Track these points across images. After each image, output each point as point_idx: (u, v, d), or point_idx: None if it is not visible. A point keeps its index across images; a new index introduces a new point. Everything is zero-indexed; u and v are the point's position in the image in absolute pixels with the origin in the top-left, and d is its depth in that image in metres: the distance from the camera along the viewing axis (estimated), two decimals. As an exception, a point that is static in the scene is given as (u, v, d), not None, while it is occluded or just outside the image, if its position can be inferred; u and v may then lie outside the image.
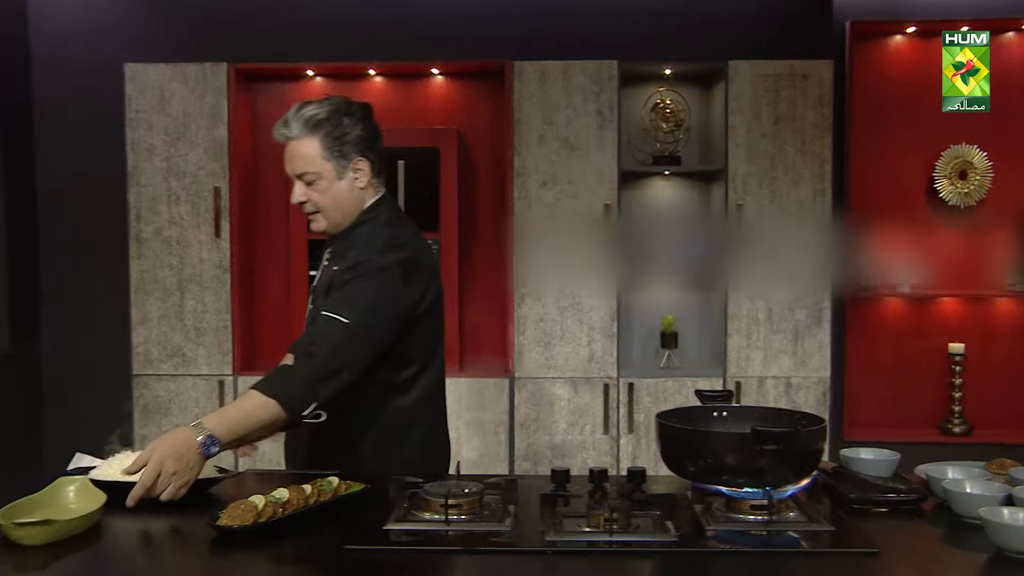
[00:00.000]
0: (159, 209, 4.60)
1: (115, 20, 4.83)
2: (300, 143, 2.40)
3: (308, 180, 2.41)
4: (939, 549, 1.93)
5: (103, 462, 2.23)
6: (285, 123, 2.41)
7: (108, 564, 1.88)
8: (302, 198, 2.43)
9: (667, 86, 4.83)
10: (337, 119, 2.40)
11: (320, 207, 2.43)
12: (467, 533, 1.92)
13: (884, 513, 2.09)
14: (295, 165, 2.41)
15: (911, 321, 4.92)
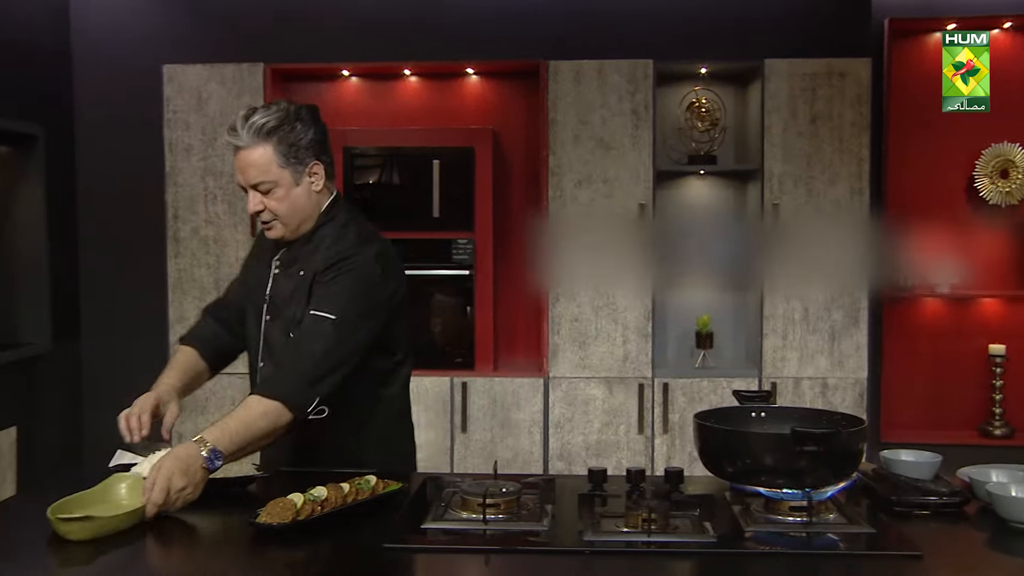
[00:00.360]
0: (196, 208, 4.64)
1: (153, 22, 4.88)
2: (252, 152, 2.31)
3: (264, 189, 2.33)
4: (983, 553, 1.90)
5: (144, 459, 2.24)
6: (233, 131, 2.32)
7: (149, 561, 1.89)
8: (259, 207, 2.35)
9: (703, 85, 4.81)
10: (289, 125, 2.32)
11: (278, 215, 2.36)
12: (505, 533, 1.92)
13: (926, 516, 2.06)
14: (248, 175, 2.33)
15: (950, 322, 4.86)
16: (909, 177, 4.75)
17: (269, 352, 2.45)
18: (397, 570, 1.79)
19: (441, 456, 4.54)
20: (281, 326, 2.41)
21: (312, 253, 2.40)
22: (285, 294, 2.41)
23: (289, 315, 2.38)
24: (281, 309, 2.42)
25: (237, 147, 2.33)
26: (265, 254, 2.52)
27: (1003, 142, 4.69)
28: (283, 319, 2.40)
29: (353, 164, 4.70)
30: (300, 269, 2.40)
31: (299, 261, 2.41)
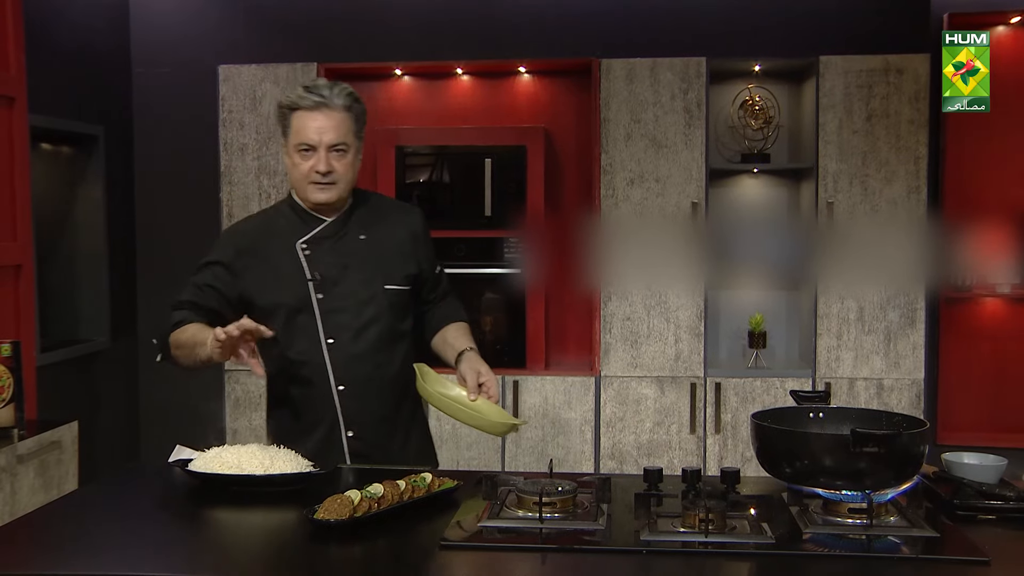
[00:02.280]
0: (251, 207, 4.69)
1: (209, 23, 4.94)
2: (338, 113, 2.47)
3: (339, 150, 2.47)
4: (1050, 559, 1.86)
5: (201, 454, 2.27)
6: (317, 92, 2.46)
7: (207, 555, 1.92)
8: (330, 167, 2.47)
9: (756, 82, 4.76)
10: (360, 104, 2.54)
11: (341, 179, 2.50)
12: (561, 531, 1.92)
13: (991, 521, 2.02)
14: (330, 135, 2.46)
15: (1010, 322, 4.77)
16: (967, 175, 4.68)
17: (336, 325, 2.51)
18: (453, 568, 1.79)
19: (492, 454, 4.55)
20: (342, 294, 2.50)
21: (376, 220, 2.58)
22: (340, 263, 2.52)
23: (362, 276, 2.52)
24: (338, 280, 2.52)
25: (321, 105, 2.45)
26: (267, 247, 2.55)
27: (1066, 139, 4.60)
28: (344, 287, 2.51)
29: (405, 163, 4.72)
30: (361, 234, 2.55)
31: (356, 229, 2.55)
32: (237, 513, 2.11)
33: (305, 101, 2.46)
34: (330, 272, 2.52)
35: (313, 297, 2.51)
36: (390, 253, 2.57)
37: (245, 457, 2.22)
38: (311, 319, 2.51)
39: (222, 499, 2.16)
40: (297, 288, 2.52)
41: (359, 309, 2.51)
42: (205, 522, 2.10)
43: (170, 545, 1.92)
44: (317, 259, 2.53)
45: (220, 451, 2.26)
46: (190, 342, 2.44)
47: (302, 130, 2.46)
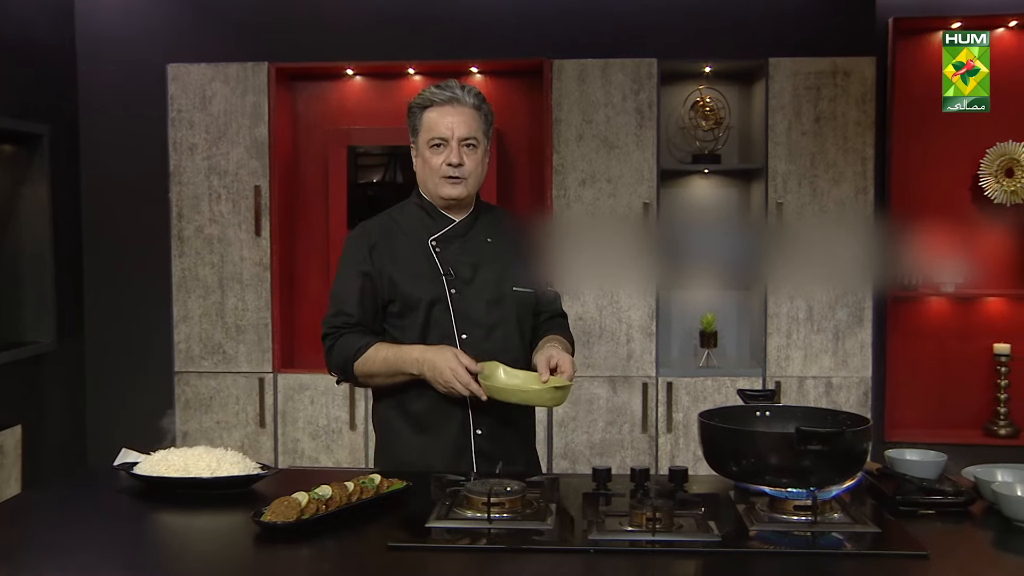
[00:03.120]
0: (200, 208, 4.65)
1: (158, 21, 4.88)
2: (468, 110, 2.52)
3: (469, 145, 2.52)
4: (989, 553, 1.90)
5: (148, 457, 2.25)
6: (448, 87, 2.52)
7: (152, 559, 1.89)
8: (462, 160, 2.51)
9: (707, 84, 4.80)
10: (488, 105, 2.58)
11: (471, 174, 2.53)
12: (509, 531, 1.92)
13: (931, 515, 2.06)
14: (462, 129, 2.50)
15: (955, 321, 4.85)
16: (913, 176, 4.75)
17: (468, 321, 2.54)
18: (401, 569, 1.79)
19: (445, 455, 4.53)
20: (474, 292, 2.55)
21: (498, 226, 2.66)
22: (470, 263, 2.57)
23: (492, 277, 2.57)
24: (470, 278, 2.56)
25: (454, 100, 2.51)
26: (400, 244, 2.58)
27: (1008, 141, 4.68)
28: (476, 286, 2.55)
29: (357, 163, 4.70)
30: (488, 237, 2.62)
31: (482, 231, 2.62)
32: (183, 516, 2.09)
33: (438, 97, 2.51)
34: (462, 269, 2.56)
35: (447, 292, 2.54)
36: (513, 258, 2.63)
37: (192, 459, 2.20)
38: (445, 314, 2.54)
39: (169, 502, 2.14)
40: (433, 283, 2.54)
41: (489, 308, 2.55)
42: (151, 525, 2.07)
43: (115, 549, 1.90)
44: (448, 256, 2.57)
45: (167, 454, 2.25)
46: (387, 370, 2.51)
47: (435, 125, 2.51)
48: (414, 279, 2.55)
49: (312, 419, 4.62)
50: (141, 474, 2.18)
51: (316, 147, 4.91)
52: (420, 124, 2.55)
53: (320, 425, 4.61)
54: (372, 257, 2.57)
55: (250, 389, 4.64)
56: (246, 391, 4.65)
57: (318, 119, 4.92)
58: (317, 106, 4.93)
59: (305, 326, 4.95)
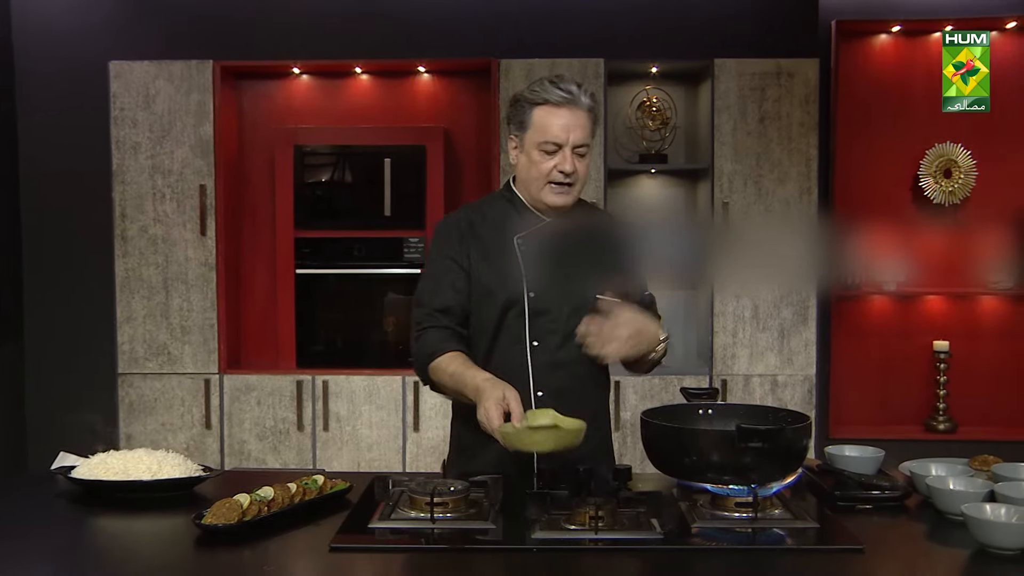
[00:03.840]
0: (144, 207, 4.59)
1: (100, 17, 4.81)
2: (584, 114, 2.35)
3: (580, 152, 2.37)
4: (923, 545, 1.94)
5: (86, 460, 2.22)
6: (567, 88, 2.34)
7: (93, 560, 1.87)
8: (573, 167, 2.36)
9: (653, 84, 4.84)
10: (598, 106, 2.44)
11: (579, 180, 2.40)
12: (452, 531, 1.92)
13: (868, 510, 2.10)
14: (577, 134, 2.34)
15: (897, 319, 4.93)
16: (856, 177, 4.82)
17: (543, 327, 2.40)
18: (343, 570, 1.78)
19: (393, 455, 4.53)
20: (555, 297, 2.40)
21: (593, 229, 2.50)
22: (555, 265, 2.42)
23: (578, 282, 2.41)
24: (552, 282, 2.42)
25: (572, 103, 2.33)
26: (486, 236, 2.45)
27: (946, 142, 4.77)
28: (558, 290, 2.41)
29: (304, 163, 4.67)
30: (578, 239, 2.46)
31: (574, 232, 2.45)
32: (123, 520, 2.06)
33: (554, 96, 2.33)
34: (545, 272, 2.42)
35: (525, 295, 2.41)
36: (604, 264, 2.47)
37: (132, 462, 2.17)
38: (520, 317, 2.40)
39: (108, 506, 2.12)
40: (511, 282, 2.41)
41: (569, 315, 2.39)
42: (89, 530, 2.04)
43: (52, 555, 1.87)
44: (532, 256, 2.42)
45: (106, 456, 2.22)
46: (453, 385, 2.32)
47: (548, 127, 2.33)
48: (496, 276, 2.42)
49: (259, 420, 4.58)
50: (79, 478, 2.15)
51: (262, 146, 4.86)
52: (529, 121, 2.36)
53: (267, 426, 4.57)
54: (460, 246, 2.45)
55: (196, 391, 4.59)
56: (191, 392, 4.59)
57: (264, 118, 4.87)
58: (263, 105, 4.89)
59: (251, 326, 4.91)
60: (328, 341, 4.75)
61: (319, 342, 4.74)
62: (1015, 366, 4.87)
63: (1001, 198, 4.82)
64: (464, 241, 2.46)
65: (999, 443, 4.38)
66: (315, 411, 4.56)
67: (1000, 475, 2.13)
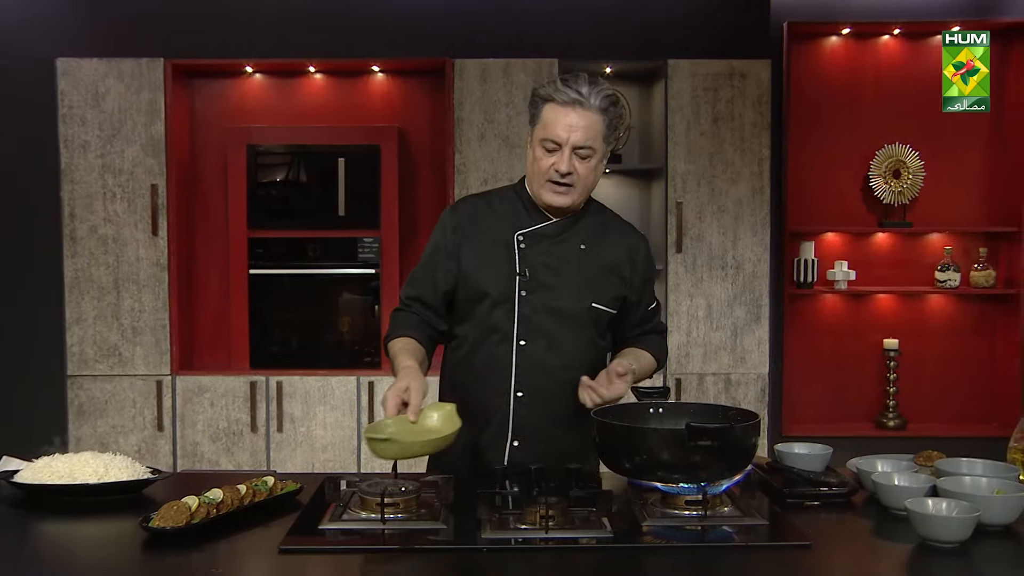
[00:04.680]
0: (94, 207, 4.53)
1: (47, 13, 4.73)
2: (591, 114, 2.30)
3: (582, 154, 2.32)
4: (868, 541, 1.97)
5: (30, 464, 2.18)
6: (577, 88, 2.30)
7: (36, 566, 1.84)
8: (571, 168, 2.32)
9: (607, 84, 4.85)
10: (617, 108, 2.37)
11: (580, 182, 2.35)
12: (403, 532, 1.92)
13: (816, 506, 2.12)
14: (578, 135, 2.30)
15: (848, 317, 5.00)
16: (808, 176, 4.88)
17: (531, 328, 2.37)
18: (292, 572, 1.77)
19: (348, 456, 4.51)
20: (547, 299, 2.38)
21: (601, 234, 2.45)
22: (554, 267, 2.39)
23: (573, 287, 2.39)
24: (547, 284, 2.38)
25: (577, 103, 2.29)
26: (485, 230, 2.43)
27: (895, 143, 4.84)
28: (551, 293, 2.38)
29: (257, 162, 4.64)
30: (583, 243, 2.42)
31: (579, 236, 2.43)
32: (68, 524, 2.03)
33: (561, 95, 2.29)
34: (541, 273, 2.38)
35: (516, 293, 2.37)
36: (606, 270, 2.43)
37: (78, 466, 2.14)
38: (509, 316, 2.37)
39: (53, 511, 2.08)
40: (504, 280, 2.38)
41: (560, 319, 2.38)
42: (33, 536, 2.01)
43: (-6, 558, 1.84)
44: (531, 256, 2.39)
45: (51, 460, 2.18)
46: (393, 368, 2.33)
47: (550, 124, 2.30)
48: (487, 271, 2.40)
49: (212, 422, 4.54)
50: (22, 482, 2.11)
51: (215, 146, 4.82)
52: (538, 116, 2.34)
53: (220, 428, 4.53)
54: (454, 236, 2.43)
55: (147, 392, 4.54)
56: (143, 394, 4.54)
57: (217, 117, 4.83)
58: (216, 104, 4.85)
59: (204, 327, 4.87)
60: (282, 341, 4.72)
61: (273, 343, 4.71)
62: (962, 363, 4.96)
63: (949, 198, 4.90)
64: (459, 232, 2.44)
65: (948, 439, 4.46)
66: (269, 412, 4.52)
67: (943, 470, 2.16)
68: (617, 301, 2.46)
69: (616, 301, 2.46)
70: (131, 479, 2.14)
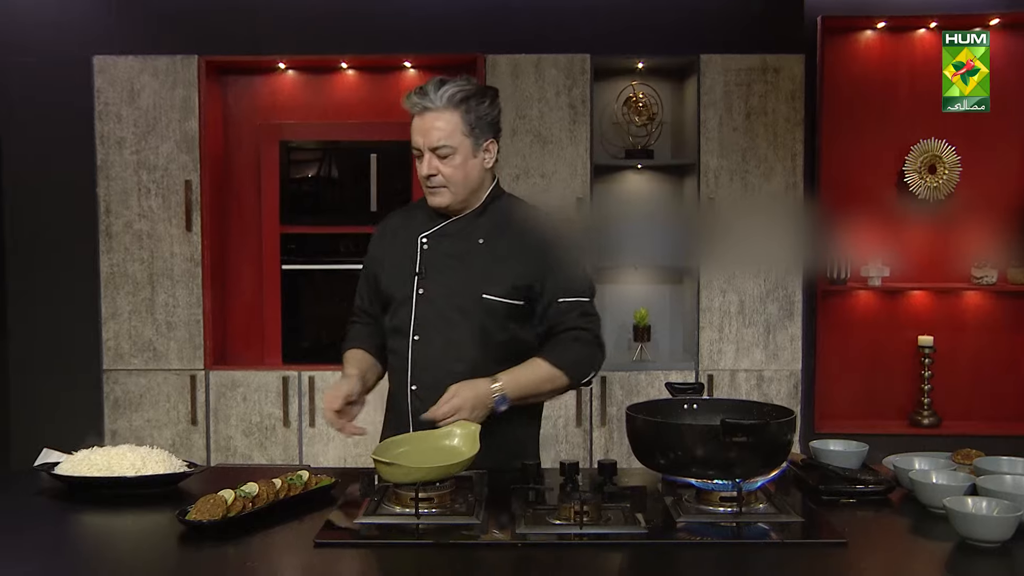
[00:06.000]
0: (129, 203, 4.57)
1: (83, 11, 4.77)
2: (440, 115, 2.39)
3: (443, 154, 2.40)
4: (906, 539, 1.95)
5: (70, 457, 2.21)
6: (423, 94, 2.40)
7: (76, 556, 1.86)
8: (433, 171, 2.41)
9: (639, 80, 4.84)
10: (478, 99, 2.43)
11: (450, 181, 2.42)
12: (438, 527, 1.92)
13: (852, 504, 2.11)
14: (432, 137, 2.39)
15: (882, 314, 4.95)
16: (842, 171, 4.83)
17: (425, 324, 2.46)
18: (329, 566, 1.78)
19: (380, 451, 4.52)
20: (441, 295, 2.46)
21: (506, 227, 2.49)
22: (450, 263, 2.47)
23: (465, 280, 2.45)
24: (442, 280, 2.47)
25: (425, 108, 2.40)
26: (397, 236, 2.56)
27: (931, 138, 4.79)
28: (446, 288, 2.46)
29: (290, 158, 4.66)
30: (483, 237, 2.48)
31: (480, 230, 2.49)
32: (107, 517, 2.06)
33: (410, 106, 2.43)
34: (437, 269, 2.48)
35: (414, 291, 2.47)
36: (505, 262, 2.45)
37: (116, 459, 2.17)
38: (408, 313, 2.48)
39: (92, 503, 2.11)
40: (406, 280, 2.50)
41: (451, 313, 2.44)
42: (73, 527, 2.04)
43: (35, 552, 1.86)
44: (431, 255, 2.49)
45: (89, 453, 2.21)
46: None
47: (412, 134, 2.44)
48: (395, 275, 2.52)
49: (245, 416, 4.57)
50: (63, 474, 2.14)
51: (248, 142, 4.85)
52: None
53: (253, 422, 4.56)
54: (377, 246, 2.62)
55: (181, 387, 4.57)
56: (177, 389, 4.58)
57: (250, 113, 4.86)
58: (249, 100, 4.87)
59: (237, 322, 4.90)
60: (314, 337, 4.74)
61: (305, 338, 4.73)
62: (998, 361, 4.90)
63: (985, 194, 4.84)
64: (379, 242, 2.62)
65: (983, 437, 4.41)
66: (301, 407, 4.55)
67: (982, 469, 2.14)
68: (519, 291, 2.46)
69: (518, 291, 2.46)
70: (168, 472, 2.16)
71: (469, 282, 2.45)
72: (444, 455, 2.14)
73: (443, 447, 2.18)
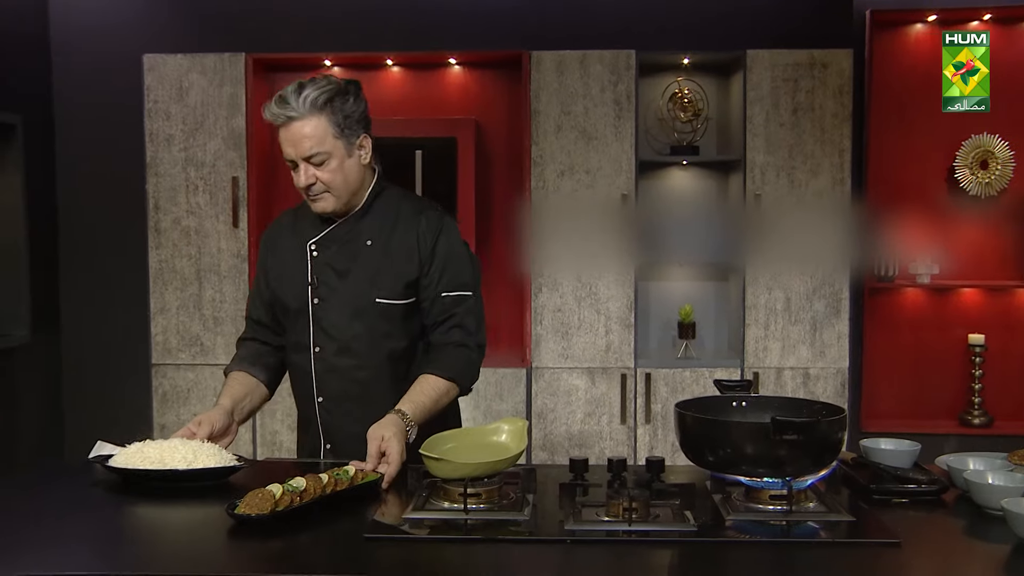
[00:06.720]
0: (177, 199, 4.62)
1: (134, 11, 4.84)
2: (307, 123, 2.31)
3: (318, 161, 2.34)
4: (960, 540, 1.92)
5: (123, 449, 2.23)
6: (284, 103, 2.31)
7: (126, 551, 1.88)
8: (311, 180, 2.36)
9: (685, 75, 4.81)
10: (342, 98, 2.35)
11: (331, 186, 2.37)
12: (486, 522, 1.92)
13: (904, 504, 2.07)
14: (303, 146, 2.33)
15: (931, 312, 4.88)
16: (890, 168, 4.77)
17: (324, 334, 2.45)
18: (378, 561, 1.78)
19: (424, 447, 4.53)
20: (336, 302, 2.43)
21: (392, 224, 2.45)
22: (340, 269, 2.43)
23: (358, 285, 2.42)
24: (335, 287, 2.44)
25: (289, 118, 2.32)
26: (286, 244, 2.52)
27: (983, 133, 4.71)
28: (340, 295, 2.43)
29: (335, 154, 4.68)
30: (370, 239, 2.44)
31: (366, 232, 2.44)
32: (158, 509, 2.08)
33: (277, 119, 2.33)
34: (329, 277, 2.44)
35: (310, 302, 2.45)
36: (392, 262, 2.43)
37: (167, 452, 2.19)
38: (306, 324, 2.46)
39: (143, 495, 2.13)
40: (300, 290, 2.46)
41: (348, 320, 2.42)
42: (125, 518, 2.06)
43: (89, 542, 1.88)
44: (322, 262, 2.45)
45: (142, 446, 2.23)
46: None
47: (282, 145, 2.37)
48: (287, 284, 2.49)
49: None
50: (116, 467, 2.17)
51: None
52: None
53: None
54: (266, 254, 2.57)
55: (228, 381, 4.61)
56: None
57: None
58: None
59: (283, 318, 4.93)
60: (359, 333, 4.76)
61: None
62: (1052, 360, 4.81)
63: (1040, 189, 4.76)
64: (268, 249, 2.57)
65: (1035, 438, 4.34)
66: (346, 402, 4.57)
67: (1039, 469, 2.10)
68: (411, 289, 2.43)
69: (410, 289, 2.43)
70: (219, 466, 2.18)
71: (361, 287, 2.42)
72: (492, 451, 2.14)
73: (491, 443, 2.19)
